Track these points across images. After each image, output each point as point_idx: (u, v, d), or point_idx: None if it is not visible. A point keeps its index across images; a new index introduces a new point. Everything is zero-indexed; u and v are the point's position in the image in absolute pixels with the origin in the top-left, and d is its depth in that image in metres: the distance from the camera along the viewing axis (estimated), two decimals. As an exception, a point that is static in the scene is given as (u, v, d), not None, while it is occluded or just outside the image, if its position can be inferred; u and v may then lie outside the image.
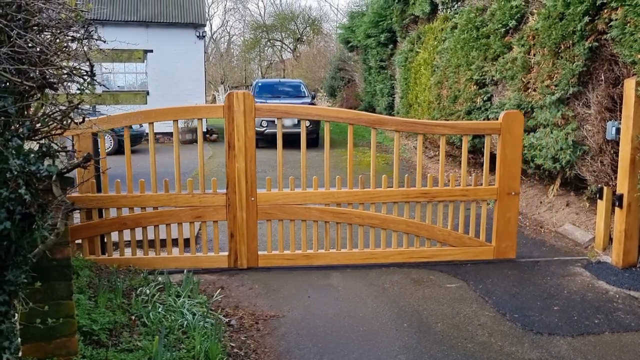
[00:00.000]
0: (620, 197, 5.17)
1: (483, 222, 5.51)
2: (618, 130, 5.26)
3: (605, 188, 5.61)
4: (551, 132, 6.34)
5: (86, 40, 2.68)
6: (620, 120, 5.23)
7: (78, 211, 4.88)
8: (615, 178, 5.40)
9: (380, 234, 5.41)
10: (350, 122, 5.25)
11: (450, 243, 5.43)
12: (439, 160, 11.82)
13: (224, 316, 4.14)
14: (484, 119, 8.24)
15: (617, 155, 5.33)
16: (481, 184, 5.52)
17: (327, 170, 5.28)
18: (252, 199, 5.08)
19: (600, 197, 5.66)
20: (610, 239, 5.61)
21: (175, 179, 5.13)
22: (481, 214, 5.54)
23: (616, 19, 5.22)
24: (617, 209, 5.25)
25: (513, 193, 5.37)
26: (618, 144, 5.30)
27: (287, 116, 5.33)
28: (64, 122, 2.57)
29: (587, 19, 5.61)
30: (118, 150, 13.00)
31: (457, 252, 5.43)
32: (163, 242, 5.26)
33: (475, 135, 8.49)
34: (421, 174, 5.39)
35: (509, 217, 5.41)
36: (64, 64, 2.57)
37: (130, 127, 5.25)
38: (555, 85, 6.14)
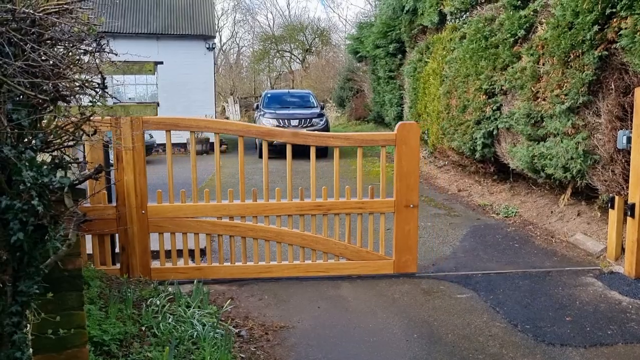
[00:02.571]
0: (632, 207, 5.12)
1: (382, 235, 5.35)
2: (629, 139, 5.22)
3: (616, 197, 5.57)
4: (561, 142, 6.31)
5: (98, 53, 2.71)
6: (631, 129, 5.19)
7: None
8: (627, 187, 5.36)
9: (275, 247, 5.31)
10: (239, 134, 5.16)
11: (348, 257, 5.31)
12: (448, 170, 11.81)
13: (233, 327, 4.14)
14: (493, 129, 8.22)
15: (629, 164, 5.29)
16: (378, 197, 5.33)
17: (218, 182, 5.17)
18: (143, 212, 5.01)
19: (612, 207, 5.61)
20: (623, 249, 5.56)
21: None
22: (380, 227, 5.35)
23: (626, 28, 5.21)
24: (629, 219, 5.21)
25: (412, 205, 5.21)
26: (629, 153, 5.26)
27: (176, 128, 5.20)
28: (76, 134, 2.59)
29: (596, 28, 5.60)
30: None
31: (355, 265, 5.31)
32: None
33: (485, 144, 8.49)
34: (315, 185, 5.20)
35: (408, 230, 5.27)
36: (77, 76, 2.60)
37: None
38: (565, 95, 6.12)
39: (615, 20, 5.44)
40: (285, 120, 15.21)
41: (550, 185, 7.65)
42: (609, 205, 5.69)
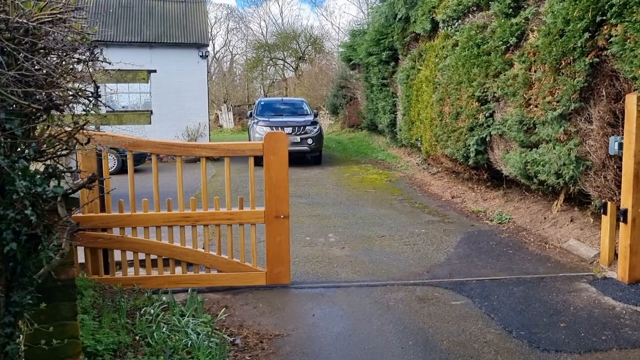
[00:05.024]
0: (624, 212, 5.16)
1: (253, 246, 5.27)
2: (620, 145, 5.26)
3: (609, 203, 5.60)
4: (554, 148, 6.35)
5: (91, 62, 2.71)
6: (623, 135, 5.24)
7: None
8: (619, 193, 5.40)
9: (145, 259, 5.20)
10: (104, 144, 5.00)
11: (219, 268, 5.21)
12: (441, 177, 11.84)
13: (228, 335, 4.12)
14: (486, 136, 8.26)
15: (621, 170, 5.33)
16: (248, 208, 5.25)
17: (83, 192, 5.02)
18: None
19: (605, 213, 5.64)
20: (616, 255, 5.59)
21: None
22: (251, 238, 5.30)
23: (616, 35, 5.26)
24: (621, 224, 5.24)
25: (282, 216, 5.16)
26: (621, 159, 5.30)
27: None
28: (70, 143, 2.59)
29: (587, 35, 5.65)
30: (122, 169, 13.06)
31: (227, 277, 5.21)
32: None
33: (478, 151, 8.52)
34: (183, 196, 5.14)
35: (280, 241, 5.21)
36: (70, 85, 2.60)
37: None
38: (557, 101, 6.17)
39: (605, 27, 5.50)
40: (279, 128, 15.21)
41: (543, 191, 7.69)
42: (602, 211, 5.72)
